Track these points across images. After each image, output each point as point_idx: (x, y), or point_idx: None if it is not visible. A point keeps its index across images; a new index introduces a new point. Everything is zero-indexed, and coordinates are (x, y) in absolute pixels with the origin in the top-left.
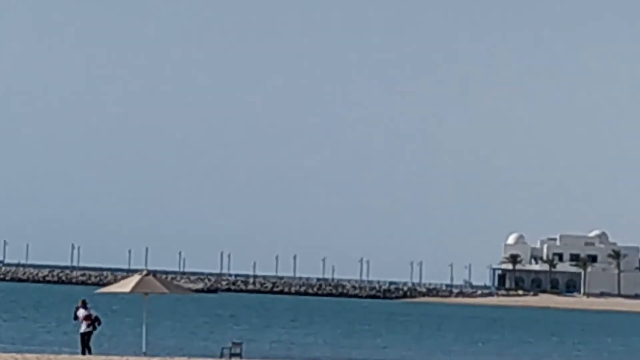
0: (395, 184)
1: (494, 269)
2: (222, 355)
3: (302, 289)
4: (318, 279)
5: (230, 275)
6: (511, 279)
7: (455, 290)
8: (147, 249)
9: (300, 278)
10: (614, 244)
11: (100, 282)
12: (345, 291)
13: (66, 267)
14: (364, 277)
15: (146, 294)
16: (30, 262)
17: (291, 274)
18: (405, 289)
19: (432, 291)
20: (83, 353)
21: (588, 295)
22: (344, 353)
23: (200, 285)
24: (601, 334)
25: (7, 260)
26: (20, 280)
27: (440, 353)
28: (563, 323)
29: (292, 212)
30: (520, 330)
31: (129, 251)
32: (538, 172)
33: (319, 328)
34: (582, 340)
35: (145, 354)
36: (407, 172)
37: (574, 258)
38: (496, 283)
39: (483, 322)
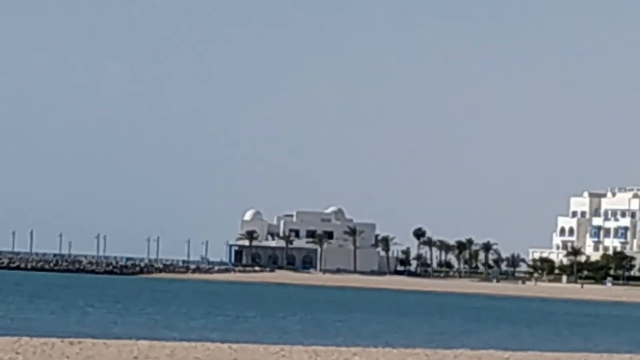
0: (130, 161)
1: (231, 245)
2: None
3: (39, 265)
4: (55, 255)
5: None
6: (248, 255)
7: (192, 267)
8: None
9: (37, 254)
10: (350, 220)
11: None
12: (82, 267)
13: None
14: (101, 253)
15: None
16: None
17: (28, 250)
18: (142, 265)
19: (169, 267)
20: None
21: (324, 271)
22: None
23: None
24: (322, 309)
25: None
26: None
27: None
28: (293, 298)
29: (28, 187)
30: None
31: None
32: (273, 149)
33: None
34: (303, 316)
35: None
36: (143, 149)
37: (311, 234)
38: (233, 259)
39: (219, 297)
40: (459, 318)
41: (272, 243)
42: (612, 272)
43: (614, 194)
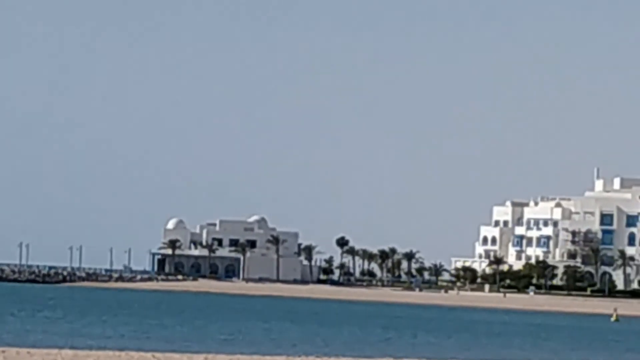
0: (53, 169)
1: (154, 254)
2: None
3: None
4: None
5: None
6: (171, 264)
7: (115, 275)
8: None
9: None
10: (273, 229)
11: None
12: (4, 275)
13: None
14: (24, 262)
15: None
16: None
17: None
18: (65, 273)
19: (91, 276)
20: None
21: (247, 280)
22: None
23: None
24: (243, 318)
25: None
26: None
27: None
28: (215, 307)
29: None
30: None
31: None
32: (195, 158)
33: None
34: (224, 325)
35: None
36: (66, 157)
37: (233, 243)
38: (156, 268)
39: (141, 305)
40: (379, 327)
41: (195, 252)
42: (534, 281)
43: (536, 203)
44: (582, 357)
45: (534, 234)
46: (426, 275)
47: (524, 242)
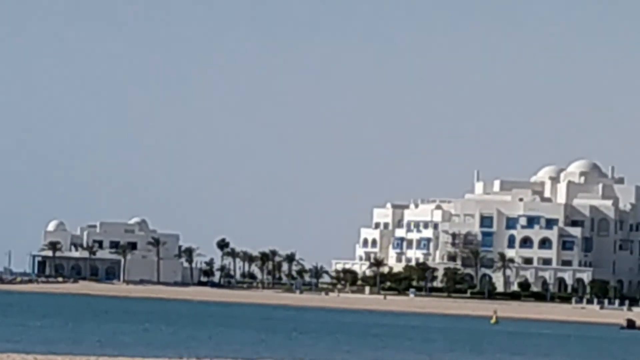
0: None
1: (34, 256)
2: None
3: None
4: None
5: None
6: (51, 266)
7: None
8: None
9: None
10: (154, 231)
11: None
12: None
13: None
14: None
15: None
16: None
17: None
18: None
19: None
20: None
21: (128, 282)
22: None
23: None
24: (121, 320)
25: None
26: None
27: None
28: (94, 309)
29: None
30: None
31: None
32: (75, 160)
33: None
34: (96, 327)
35: None
36: None
37: (114, 245)
38: (36, 270)
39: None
40: (257, 329)
41: (76, 254)
42: (414, 283)
43: (416, 206)
44: (456, 359)
45: (414, 236)
46: (307, 277)
47: (404, 244)
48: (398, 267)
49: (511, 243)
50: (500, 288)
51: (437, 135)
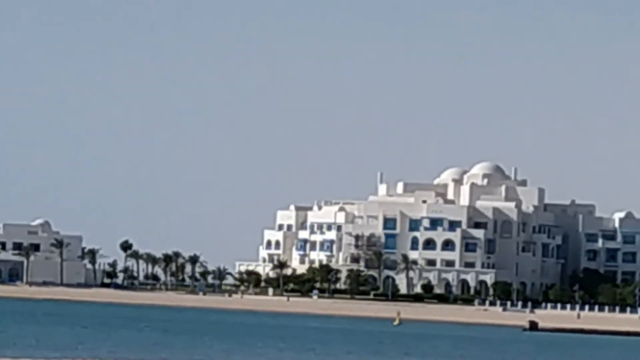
0: None
1: None
2: None
3: None
4: None
5: None
6: None
7: None
8: None
9: None
10: (57, 232)
11: None
12: None
13: None
14: None
15: None
16: None
17: None
18: None
19: None
20: None
21: (31, 284)
22: None
23: None
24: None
25: None
26: None
27: None
28: None
29: None
30: None
31: None
32: None
33: None
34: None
35: None
36: None
37: (17, 247)
38: None
39: None
40: (156, 330)
41: None
42: (318, 285)
43: (320, 208)
44: None
45: (317, 238)
46: (210, 279)
47: (308, 246)
48: (301, 269)
49: (414, 245)
50: (403, 290)
51: (341, 137)
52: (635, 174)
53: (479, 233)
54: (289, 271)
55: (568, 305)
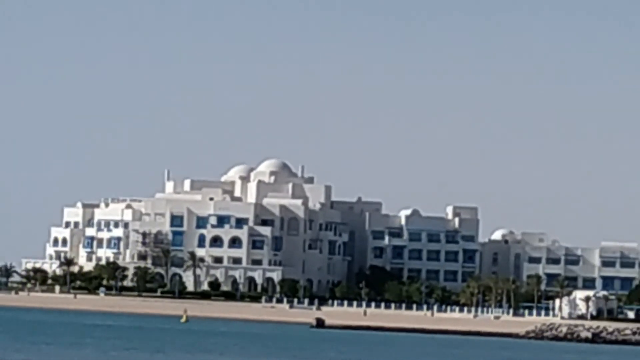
0: None
1: None
2: None
3: None
4: None
5: None
6: None
7: None
8: None
9: None
10: None
11: None
12: None
13: None
14: None
15: None
16: None
17: None
18: None
19: None
20: None
21: None
22: None
23: None
24: None
25: None
26: None
27: None
28: None
29: None
30: None
31: None
32: None
33: None
34: None
35: None
36: None
37: None
38: None
39: None
40: None
41: None
42: (105, 282)
43: (107, 205)
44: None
45: (104, 235)
46: None
47: (95, 243)
48: (89, 266)
49: (201, 242)
50: (190, 287)
51: (128, 134)
52: (421, 171)
53: (266, 230)
54: (76, 268)
55: (355, 303)
